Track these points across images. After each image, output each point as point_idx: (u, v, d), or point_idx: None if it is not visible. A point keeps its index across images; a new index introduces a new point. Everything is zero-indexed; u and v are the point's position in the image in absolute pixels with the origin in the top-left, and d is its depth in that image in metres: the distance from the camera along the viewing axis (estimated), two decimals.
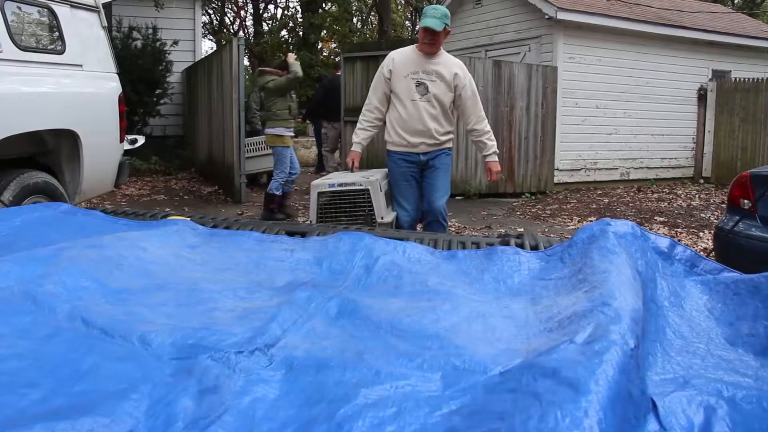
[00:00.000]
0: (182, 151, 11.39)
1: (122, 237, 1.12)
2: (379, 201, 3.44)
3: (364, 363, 0.68)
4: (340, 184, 3.43)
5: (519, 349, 0.71)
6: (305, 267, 1.04)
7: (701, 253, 5.58)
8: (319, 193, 3.33)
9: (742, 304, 0.87)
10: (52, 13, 4.44)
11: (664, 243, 1.04)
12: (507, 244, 1.16)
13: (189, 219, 1.31)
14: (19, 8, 4.24)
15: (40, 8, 4.39)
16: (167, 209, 7.63)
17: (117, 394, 0.63)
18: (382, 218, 3.38)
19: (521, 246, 1.15)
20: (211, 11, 22.16)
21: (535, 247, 1.15)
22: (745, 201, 4.15)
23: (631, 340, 0.63)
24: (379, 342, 0.75)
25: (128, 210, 1.48)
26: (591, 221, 8.01)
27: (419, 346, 0.73)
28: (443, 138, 3.79)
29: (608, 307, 0.71)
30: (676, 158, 12.00)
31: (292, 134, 6.62)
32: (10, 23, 4.08)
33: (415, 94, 3.73)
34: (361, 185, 3.46)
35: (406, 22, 25.41)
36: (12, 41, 4.07)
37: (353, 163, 3.76)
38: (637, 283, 0.84)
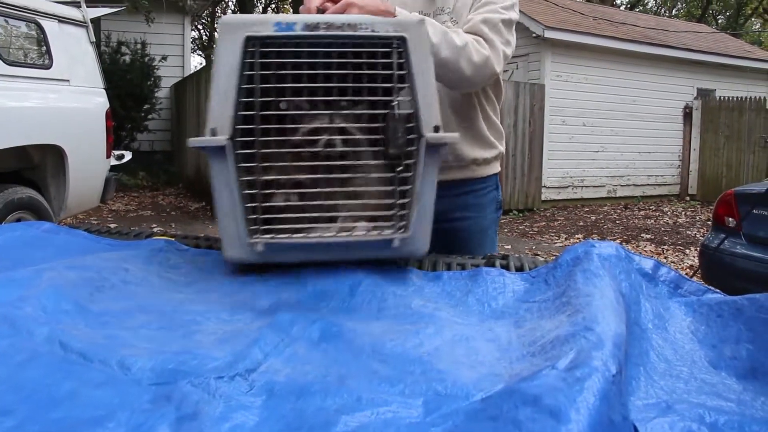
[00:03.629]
0: (170, 167, 11.37)
1: (105, 257, 1.10)
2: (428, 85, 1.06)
3: (346, 388, 0.67)
4: (318, 26, 1.02)
5: (501, 374, 0.71)
6: (289, 288, 1.04)
7: (687, 270, 5.60)
8: (248, 39, 0.99)
9: (725, 326, 0.87)
10: (40, 28, 4.43)
11: (648, 264, 1.04)
12: (492, 265, 1.16)
13: (173, 239, 1.30)
14: (6, 22, 4.23)
15: (27, 23, 4.38)
16: (154, 225, 7.59)
17: (93, 422, 0.62)
18: (436, 128, 1.06)
19: (506, 267, 1.15)
20: (200, 26, 22.23)
21: (520, 269, 1.15)
22: (730, 219, 4.19)
23: (613, 366, 0.63)
24: (362, 367, 0.74)
25: (112, 229, 1.46)
26: (578, 239, 8.08)
27: (401, 371, 0.72)
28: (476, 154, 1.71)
29: (591, 332, 0.71)
30: (662, 176, 12.12)
31: None
32: None
33: None
34: (374, 29, 1.02)
35: None
36: None
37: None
38: (620, 306, 0.84)
